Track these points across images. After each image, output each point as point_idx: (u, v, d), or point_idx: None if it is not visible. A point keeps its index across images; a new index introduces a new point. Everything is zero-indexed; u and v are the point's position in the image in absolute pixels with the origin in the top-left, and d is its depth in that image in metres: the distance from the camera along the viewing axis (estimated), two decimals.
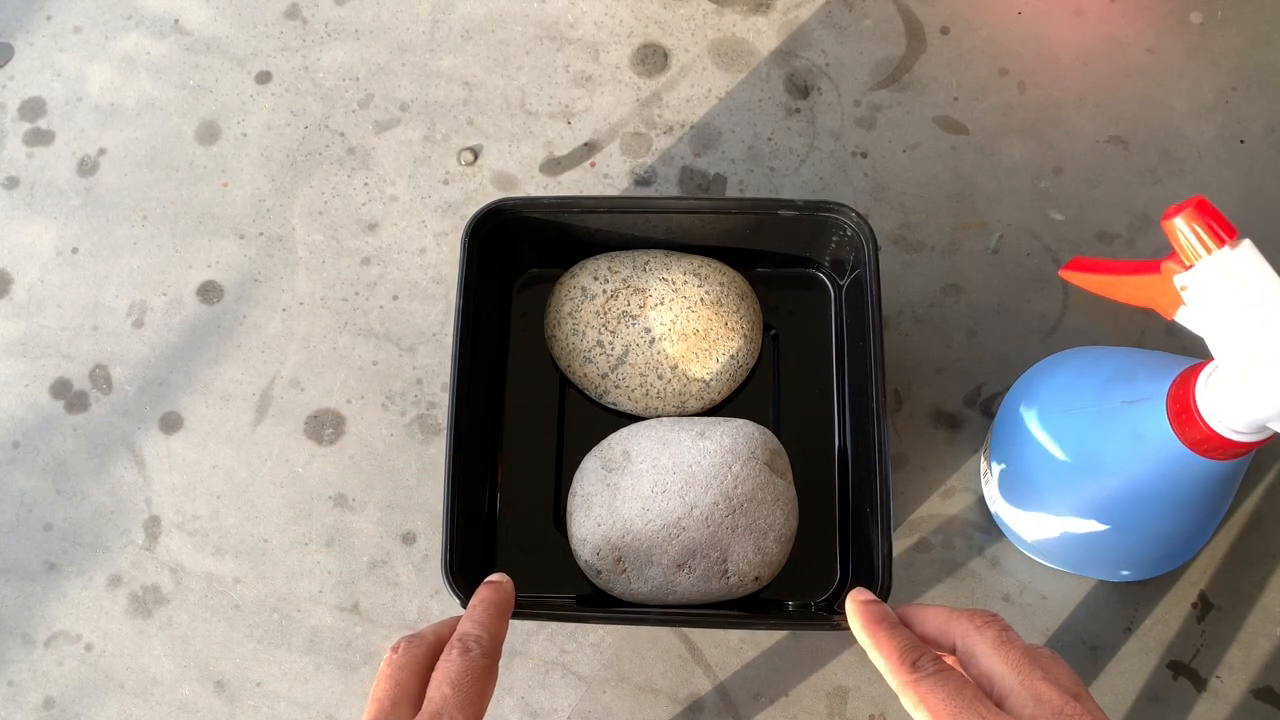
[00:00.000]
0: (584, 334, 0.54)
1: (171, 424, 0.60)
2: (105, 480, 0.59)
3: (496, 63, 0.65)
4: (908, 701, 0.36)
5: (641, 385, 0.53)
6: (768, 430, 0.51)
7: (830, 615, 0.49)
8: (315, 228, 0.63)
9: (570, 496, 0.51)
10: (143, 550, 0.58)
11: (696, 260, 0.55)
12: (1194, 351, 0.43)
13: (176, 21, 0.67)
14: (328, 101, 0.65)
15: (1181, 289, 0.38)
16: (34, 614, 0.57)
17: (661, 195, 0.61)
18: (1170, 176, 0.61)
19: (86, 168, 0.64)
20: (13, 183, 0.64)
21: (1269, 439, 0.39)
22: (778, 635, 0.55)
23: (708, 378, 0.53)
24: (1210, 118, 0.62)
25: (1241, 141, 0.62)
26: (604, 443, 0.52)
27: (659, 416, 0.53)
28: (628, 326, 0.53)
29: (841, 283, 0.55)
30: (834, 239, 0.53)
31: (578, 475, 0.52)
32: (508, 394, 0.56)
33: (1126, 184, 0.61)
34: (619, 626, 0.55)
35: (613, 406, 0.54)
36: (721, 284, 0.54)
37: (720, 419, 0.52)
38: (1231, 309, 0.36)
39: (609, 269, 0.54)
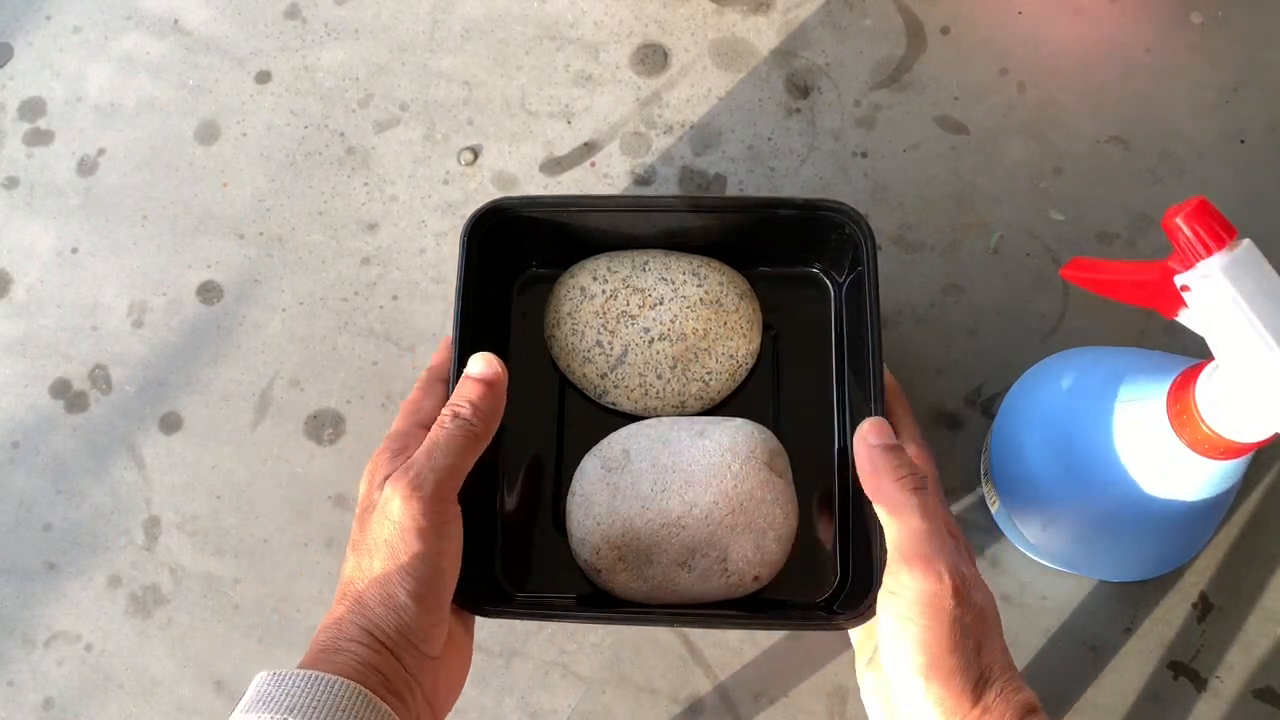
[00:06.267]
0: (583, 334, 0.53)
1: (171, 424, 0.60)
2: (105, 480, 0.59)
3: (496, 62, 0.65)
4: (916, 509, 0.40)
5: (641, 385, 0.53)
6: (767, 430, 0.51)
7: (830, 615, 0.48)
8: (315, 228, 0.63)
9: (569, 496, 0.51)
10: (142, 550, 0.58)
11: (695, 260, 0.54)
12: (1194, 351, 0.43)
13: (176, 21, 0.67)
14: (327, 101, 0.65)
15: (1182, 289, 0.38)
16: (34, 614, 0.57)
17: (661, 194, 0.61)
18: (1170, 176, 0.61)
19: (86, 168, 0.64)
20: (12, 183, 0.64)
21: (1269, 439, 0.39)
22: (778, 636, 0.55)
23: (707, 378, 0.53)
24: (1210, 117, 0.62)
25: (1242, 141, 0.62)
26: (604, 442, 0.52)
27: (658, 416, 0.53)
28: (627, 326, 0.53)
29: (841, 282, 0.55)
30: (833, 238, 0.52)
31: (577, 475, 0.51)
32: (507, 394, 0.55)
33: (1126, 184, 0.61)
34: (619, 626, 0.55)
35: (612, 406, 0.54)
36: (721, 284, 0.54)
37: (719, 418, 0.51)
38: (1232, 309, 0.36)
39: (608, 269, 0.54)
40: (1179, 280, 0.38)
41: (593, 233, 0.55)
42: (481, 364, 0.46)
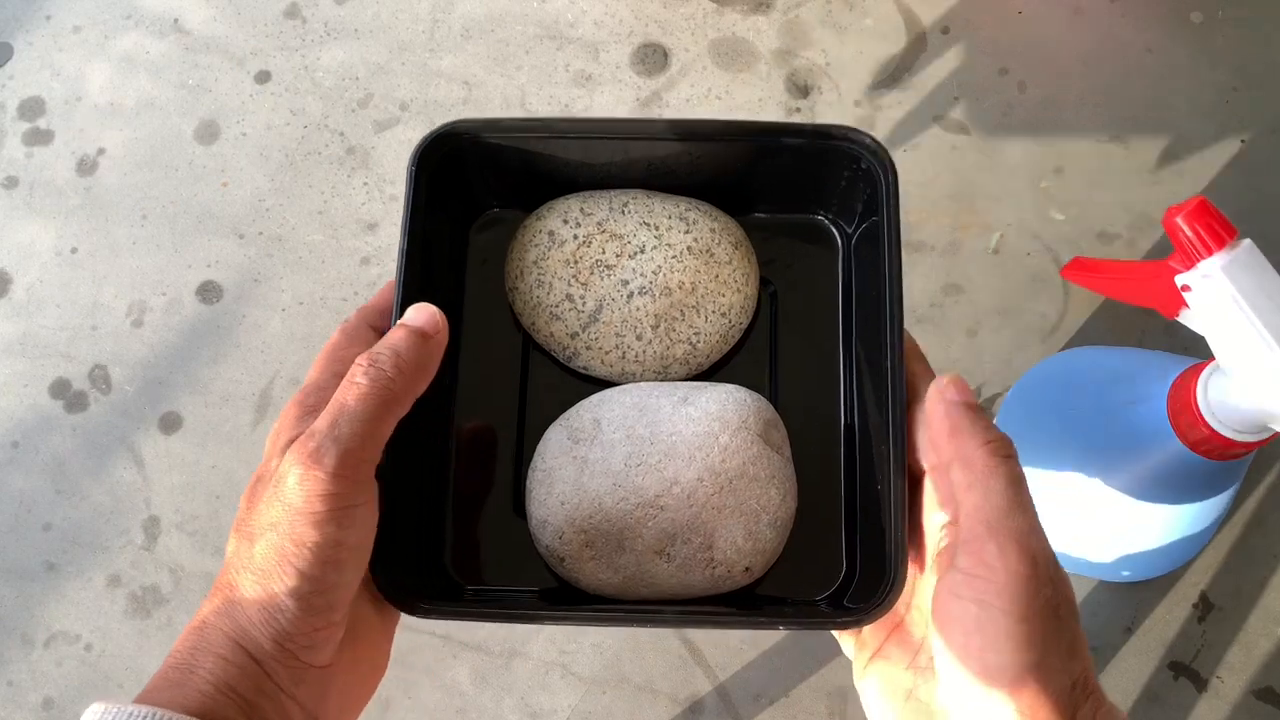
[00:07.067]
0: (551, 286, 0.46)
1: (171, 424, 0.60)
2: (104, 480, 0.59)
3: (496, 62, 0.65)
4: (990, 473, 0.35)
5: (617, 347, 0.46)
6: (762, 398, 0.45)
7: (837, 611, 0.42)
8: (315, 227, 0.63)
9: (530, 472, 0.44)
10: (142, 550, 0.58)
11: (683, 202, 0.47)
12: (1194, 351, 0.43)
13: (176, 21, 0.67)
14: (327, 101, 0.65)
15: (1183, 289, 0.38)
16: (33, 614, 0.57)
17: (645, 117, 0.54)
18: (1171, 176, 0.61)
19: (86, 167, 0.64)
20: (12, 182, 0.64)
21: (1270, 439, 0.39)
22: (779, 636, 0.55)
23: (694, 338, 0.46)
24: (1211, 117, 0.62)
25: (1242, 141, 0.62)
26: (571, 410, 0.45)
27: (637, 382, 0.46)
28: (602, 278, 0.46)
29: (850, 233, 0.48)
30: (845, 174, 0.45)
31: (540, 448, 0.44)
32: (462, 355, 0.47)
33: (1127, 183, 0.61)
34: (608, 626, 0.55)
35: (583, 371, 0.47)
36: (712, 230, 0.47)
37: (707, 384, 0.45)
38: (1232, 308, 0.36)
39: (581, 210, 0.47)
40: (1180, 280, 0.38)
41: (563, 168, 0.47)
42: (419, 312, 0.38)
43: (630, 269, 0.46)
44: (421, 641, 0.56)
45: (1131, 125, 0.62)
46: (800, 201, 0.48)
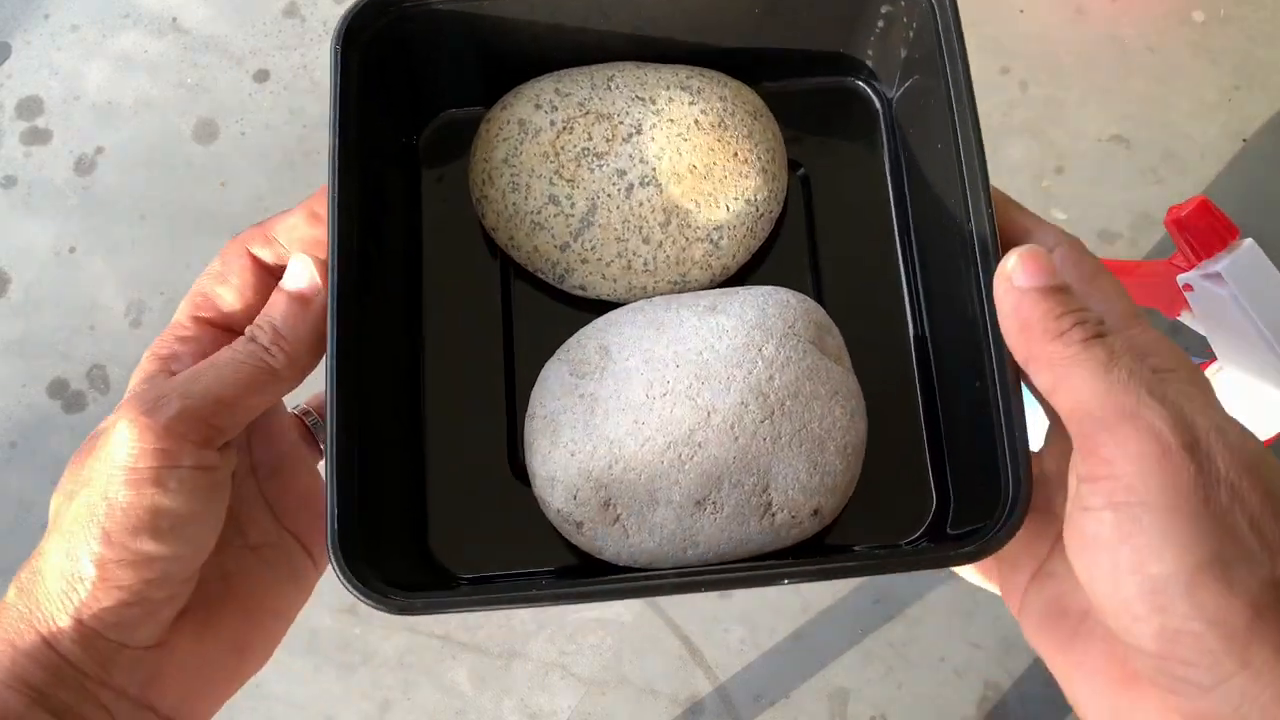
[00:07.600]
0: (528, 188, 0.37)
1: None
2: None
3: None
4: (1042, 380, 0.28)
5: (620, 255, 0.37)
6: (808, 298, 0.36)
7: (947, 546, 0.32)
8: None
9: (528, 421, 0.36)
10: None
11: (683, 70, 0.39)
12: (1196, 351, 0.43)
13: (174, 20, 0.67)
14: (326, 100, 0.65)
15: (1185, 288, 0.38)
16: None
17: None
18: (1173, 175, 0.61)
19: (84, 167, 0.64)
20: (10, 182, 0.64)
21: (1272, 439, 0.39)
22: (779, 637, 0.55)
23: (715, 235, 0.37)
24: (1212, 116, 0.62)
25: (1244, 140, 0.62)
26: (571, 340, 0.36)
27: (649, 298, 0.38)
28: (592, 170, 0.37)
29: (891, 95, 0.39)
30: (883, 11, 0.37)
31: (536, 391, 0.36)
32: (425, 293, 0.38)
33: (1129, 183, 0.61)
34: (619, 626, 0.55)
35: (580, 292, 0.38)
36: (723, 98, 0.38)
37: (737, 288, 0.36)
38: (1234, 308, 0.36)
39: (556, 91, 0.38)
40: (1181, 280, 0.38)
41: (529, 42, 0.39)
42: (299, 268, 0.33)
43: (626, 155, 0.38)
44: (420, 642, 0.55)
45: (1133, 125, 0.62)
46: (824, 61, 0.39)
